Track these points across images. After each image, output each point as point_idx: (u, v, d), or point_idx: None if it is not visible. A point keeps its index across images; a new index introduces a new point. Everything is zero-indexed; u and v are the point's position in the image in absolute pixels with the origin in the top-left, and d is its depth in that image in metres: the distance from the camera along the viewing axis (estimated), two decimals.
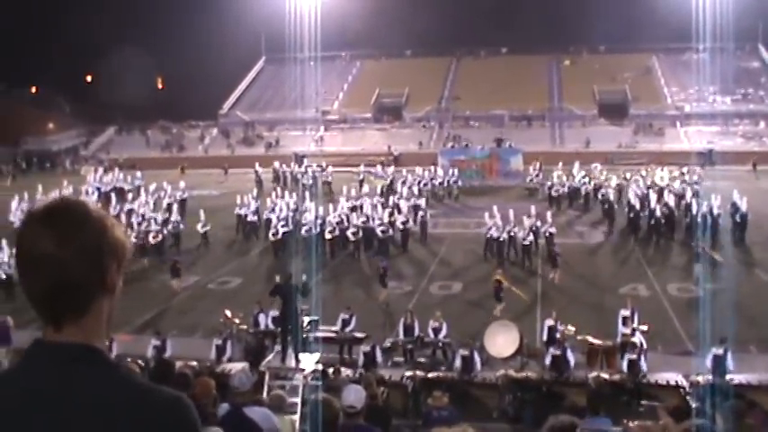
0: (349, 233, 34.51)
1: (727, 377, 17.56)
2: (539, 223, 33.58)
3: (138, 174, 53.27)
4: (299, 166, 56.24)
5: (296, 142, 73.26)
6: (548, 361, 18.80)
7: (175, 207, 40.38)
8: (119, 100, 79.20)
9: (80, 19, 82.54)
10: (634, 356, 18.39)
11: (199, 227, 36.74)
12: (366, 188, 44.38)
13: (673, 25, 69.74)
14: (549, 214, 35.28)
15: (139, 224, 37.24)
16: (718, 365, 17.89)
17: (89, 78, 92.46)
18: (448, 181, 50.89)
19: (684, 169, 47.91)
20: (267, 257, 34.60)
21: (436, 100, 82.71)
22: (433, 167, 51.99)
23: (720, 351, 17.98)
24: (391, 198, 40.70)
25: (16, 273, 2.08)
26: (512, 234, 32.80)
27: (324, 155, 63.42)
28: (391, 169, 52.61)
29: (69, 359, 1.98)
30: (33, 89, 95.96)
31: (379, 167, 53.04)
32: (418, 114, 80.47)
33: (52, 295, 1.98)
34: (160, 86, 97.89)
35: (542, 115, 76.85)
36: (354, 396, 7.23)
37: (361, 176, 49.99)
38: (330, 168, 54.62)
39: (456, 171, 52.07)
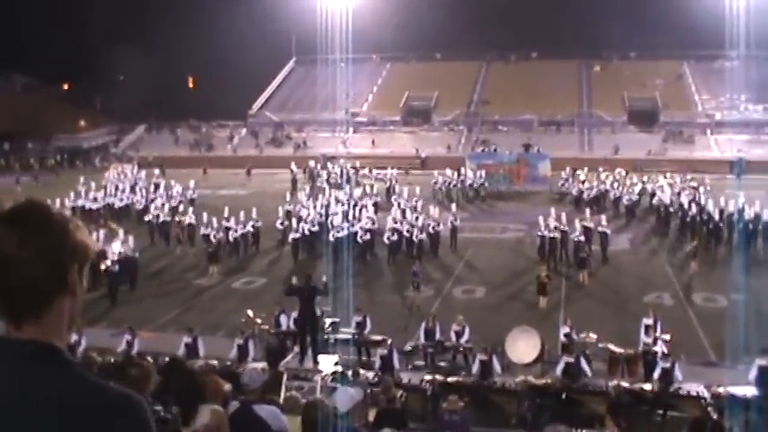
0: (384, 237, 34.34)
1: None
2: (591, 225, 33.97)
3: (156, 171, 53.70)
4: (332, 167, 56.58)
5: (324, 144, 73.51)
6: (560, 368, 18.61)
7: (187, 206, 40.83)
8: (149, 99, 79.82)
9: (112, 17, 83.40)
10: (667, 365, 18.13)
11: (278, 224, 36.52)
12: (359, 191, 44.45)
13: (705, 32, 69.04)
14: (603, 217, 35.36)
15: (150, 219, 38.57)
16: (765, 378, 17.42)
17: (121, 77, 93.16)
18: (475, 183, 51.08)
19: (688, 176, 48.51)
20: (290, 258, 34.57)
21: (465, 104, 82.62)
22: (462, 169, 52.22)
23: (766, 362, 17.56)
24: (426, 202, 40.75)
25: None
26: (565, 232, 33.07)
27: (351, 156, 63.44)
28: (392, 172, 52.94)
29: (25, 356, 2.01)
30: (66, 86, 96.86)
31: (389, 170, 53.27)
32: (447, 118, 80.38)
33: (12, 295, 2.02)
34: (191, 86, 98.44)
35: (571, 121, 76.57)
36: (339, 399, 7.25)
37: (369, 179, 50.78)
38: (337, 170, 54.88)
39: (483, 173, 52.21)
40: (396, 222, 34.95)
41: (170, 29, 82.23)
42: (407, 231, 34.44)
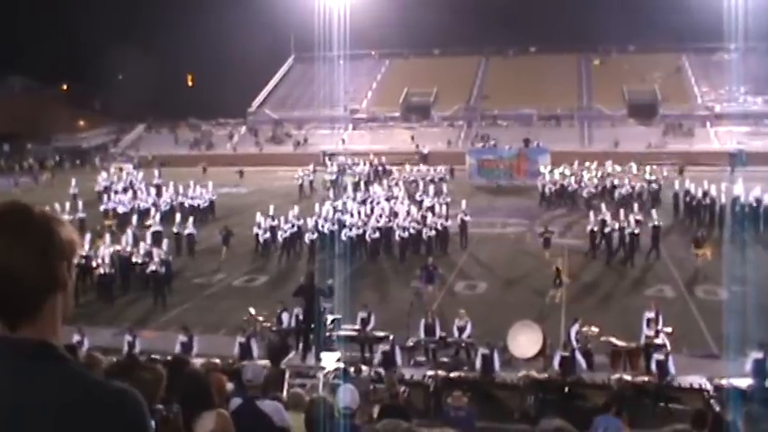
0: (396, 235, 34.11)
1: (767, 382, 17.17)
2: (642, 218, 33.93)
3: (156, 172, 53.10)
4: (331, 165, 56.77)
5: (324, 141, 73.49)
6: (556, 361, 18.55)
7: (187, 215, 39.71)
8: (148, 98, 79.85)
9: (110, 17, 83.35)
10: (662, 357, 18.14)
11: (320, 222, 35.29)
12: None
13: (703, 25, 69.16)
14: (653, 211, 35.05)
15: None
16: (760, 370, 17.46)
17: (120, 76, 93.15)
18: (435, 178, 50.99)
19: (647, 168, 49.04)
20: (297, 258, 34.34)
21: (464, 99, 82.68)
22: (420, 164, 52.63)
23: (761, 355, 17.55)
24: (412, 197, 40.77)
25: None
26: (622, 228, 32.71)
27: (351, 153, 63.43)
28: (361, 168, 53.45)
29: (22, 354, 2.00)
30: (65, 86, 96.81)
31: (360, 165, 53.50)
32: (446, 113, 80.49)
33: (4, 299, 2.01)
34: (190, 84, 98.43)
35: (571, 115, 76.64)
36: (350, 397, 7.24)
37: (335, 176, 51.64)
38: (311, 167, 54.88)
39: (443, 168, 52.86)
40: (404, 220, 34.75)
41: (168, 27, 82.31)
42: (414, 229, 34.22)
